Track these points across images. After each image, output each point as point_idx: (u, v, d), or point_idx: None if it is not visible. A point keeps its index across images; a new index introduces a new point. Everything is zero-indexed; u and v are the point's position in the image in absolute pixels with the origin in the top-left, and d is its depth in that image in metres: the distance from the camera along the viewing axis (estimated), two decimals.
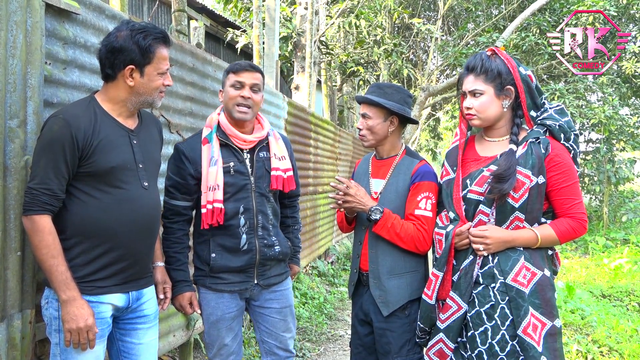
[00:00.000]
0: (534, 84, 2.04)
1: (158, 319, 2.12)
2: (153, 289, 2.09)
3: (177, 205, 2.32)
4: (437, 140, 20.64)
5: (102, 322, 1.85)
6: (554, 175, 1.96)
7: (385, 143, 2.37)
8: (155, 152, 2.08)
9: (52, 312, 1.81)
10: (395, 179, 2.32)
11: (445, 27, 14.92)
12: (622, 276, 7.32)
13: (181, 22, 4.34)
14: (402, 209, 2.27)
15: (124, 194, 1.87)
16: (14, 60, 1.80)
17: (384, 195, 2.32)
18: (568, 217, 1.99)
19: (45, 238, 1.73)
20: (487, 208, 1.99)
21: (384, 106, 2.28)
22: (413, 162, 2.33)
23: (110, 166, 1.84)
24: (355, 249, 2.42)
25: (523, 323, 1.89)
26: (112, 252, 1.86)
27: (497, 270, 1.97)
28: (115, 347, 2.02)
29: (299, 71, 9.17)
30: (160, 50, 1.90)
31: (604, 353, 4.24)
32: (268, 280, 2.39)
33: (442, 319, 2.05)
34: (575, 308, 5.36)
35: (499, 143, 2.09)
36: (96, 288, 1.84)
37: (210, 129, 2.33)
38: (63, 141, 1.75)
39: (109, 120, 1.89)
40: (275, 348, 2.45)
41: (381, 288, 2.27)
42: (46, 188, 1.74)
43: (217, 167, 2.25)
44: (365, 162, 2.51)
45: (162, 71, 1.92)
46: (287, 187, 2.41)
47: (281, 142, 2.46)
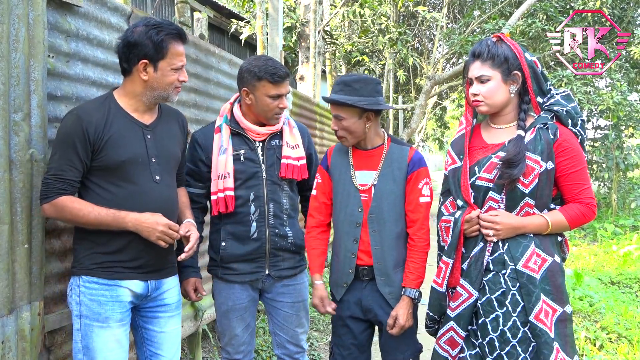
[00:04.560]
0: (540, 70, 2.03)
1: (180, 309, 2.16)
2: (175, 279, 2.14)
3: (190, 193, 2.34)
4: (444, 129, 20.55)
5: (121, 306, 1.93)
6: (562, 161, 1.95)
7: (366, 137, 2.25)
8: (173, 146, 2.10)
9: (75, 297, 1.90)
10: (388, 168, 2.23)
11: (451, 15, 14.80)
12: (631, 263, 7.28)
13: (184, 14, 4.32)
14: (401, 197, 2.23)
15: (135, 188, 1.93)
16: (16, 54, 1.80)
17: (380, 187, 2.22)
18: (577, 203, 1.98)
19: (74, 207, 1.83)
20: (497, 194, 1.98)
21: (345, 105, 2.15)
22: (403, 149, 2.26)
23: (120, 160, 1.90)
24: (349, 247, 2.24)
25: (535, 309, 1.88)
26: (128, 243, 1.92)
27: (508, 257, 1.95)
28: (139, 334, 2.09)
29: (303, 61, 9.14)
30: (175, 46, 1.95)
31: (613, 340, 4.22)
32: (280, 272, 2.38)
33: (453, 307, 2.04)
34: (583, 295, 5.33)
35: (506, 130, 2.06)
36: (114, 273, 1.92)
37: (222, 118, 2.37)
38: (75, 135, 1.84)
39: (122, 116, 1.95)
40: (286, 342, 2.45)
41: (390, 284, 2.20)
42: (60, 177, 1.83)
43: (226, 156, 2.28)
44: (342, 153, 2.32)
45: (176, 67, 1.96)
46: (299, 176, 2.39)
47: (296, 131, 2.45)
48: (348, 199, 2.26)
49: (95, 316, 1.88)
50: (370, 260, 2.22)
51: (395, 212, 2.22)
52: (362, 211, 2.23)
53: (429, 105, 15.20)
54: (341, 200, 2.28)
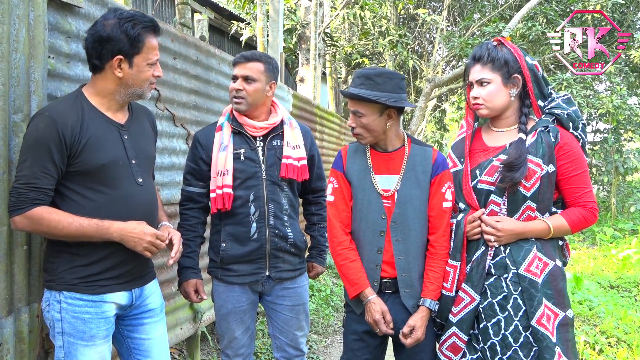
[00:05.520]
0: (540, 74, 2.03)
1: (164, 312, 2.10)
2: (155, 283, 2.06)
3: (191, 192, 2.34)
4: (443, 131, 20.55)
5: (107, 322, 1.82)
6: (564, 164, 1.95)
7: (386, 137, 2.12)
8: (148, 146, 2.00)
9: (54, 314, 1.78)
10: (412, 172, 2.10)
11: (451, 18, 14.81)
12: (630, 267, 7.28)
13: (185, 15, 4.33)
14: (426, 203, 2.10)
15: (119, 193, 1.81)
16: (17, 55, 1.79)
17: (403, 192, 2.08)
18: (579, 206, 1.97)
19: (52, 219, 1.69)
20: (499, 198, 1.97)
21: (368, 101, 2.03)
22: (426, 150, 2.14)
23: (100, 164, 1.77)
24: (372, 258, 2.10)
25: (537, 313, 1.88)
26: (112, 252, 1.81)
27: (510, 261, 1.95)
28: (124, 345, 1.99)
29: (303, 63, 9.13)
30: (150, 40, 1.82)
31: (612, 344, 4.22)
32: (280, 273, 2.36)
33: (455, 312, 2.02)
34: (583, 299, 5.33)
35: (507, 133, 2.06)
36: (98, 287, 1.80)
37: (224, 117, 2.37)
38: (49, 140, 1.68)
39: (97, 116, 1.81)
40: (286, 345, 2.44)
41: (415, 296, 2.07)
42: (34, 186, 1.68)
43: (226, 153, 2.28)
44: (359, 155, 2.18)
45: (151, 62, 1.84)
46: (299, 177, 2.37)
47: (297, 132, 2.44)
48: (369, 206, 2.11)
49: (79, 334, 1.76)
50: (393, 272, 2.08)
51: (421, 219, 2.09)
52: (386, 219, 2.09)
53: (429, 107, 15.19)
54: (361, 208, 2.13)
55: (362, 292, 2.07)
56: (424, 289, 2.07)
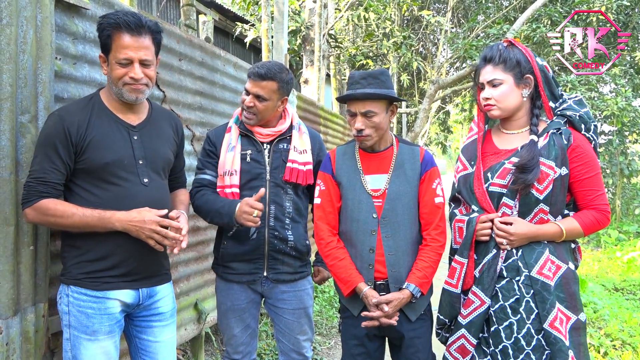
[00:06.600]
0: (551, 75, 2.02)
1: (175, 317, 2.10)
2: (168, 287, 2.06)
3: (203, 178, 2.36)
4: (447, 133, 20.53)
5: (110, 318, 1.84)
6: (576, 166, 1.93)
7: (385, 135, 2.19)
8: (162, 148, 2.01)
9: (63, 307, 1.84)
10: (400, 169, 2.16)
11: (455, 19, 14.80)
12: (635, 269, 7.25)
13: (190, 17, 4.34)
14: (415, 199, 2.15)
15: (122, 191, 1.84)
16: (24, 56, 1.80)
17: (393, 189, 2.14)
18: (592, 209, 1.95)
19: (57, 209, 1.74)
20: (511, 200, 1.95)
21: (385, 98, 2.09)
22: (414, 149, 2.21)
23: (104, 162, 1.81)
24: (365, 258, 2.13)
25: (550, 317, 1.86)
26: (116, 249, 1.83)
27: (522, 263, 1.93)
28: (133, 343, 2.02)
29: (307, 65, 9.14)
30: (120, 38, 1.79)
31: (617, 347, 4.20)
32: (278, 275, 2.36)
33: (464, 315, 2.01)
34: (587, 302, 5.31)
35: (518, 135, 2.04)
36: (102, 284, 1.83)
37: (233, 119, 2.41)
38: (56, 136, 1.76)
39: (106, 116, 1.86)
40: (289, 350, 2.43)
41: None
42: (42, 180, 1.75)
43: (234, 153, 2.31)
44: (348, 157, 2.22)
45: (119, 60, 1.80)
46: (304, 180, 2.36)
47: (306, 137, 2.44)
48: (360, 205, 2.15)
49: (83, 328, 1.80)
50: (386, 271, 2.11)
51: (410, 215, 2.14)
52: (377, 217, 2.13)
53: (433, 109, 15.19)
54: (352, 208, 2.17)
55: (356, 287, 2.10)
56: (410, 275, 2.10)
